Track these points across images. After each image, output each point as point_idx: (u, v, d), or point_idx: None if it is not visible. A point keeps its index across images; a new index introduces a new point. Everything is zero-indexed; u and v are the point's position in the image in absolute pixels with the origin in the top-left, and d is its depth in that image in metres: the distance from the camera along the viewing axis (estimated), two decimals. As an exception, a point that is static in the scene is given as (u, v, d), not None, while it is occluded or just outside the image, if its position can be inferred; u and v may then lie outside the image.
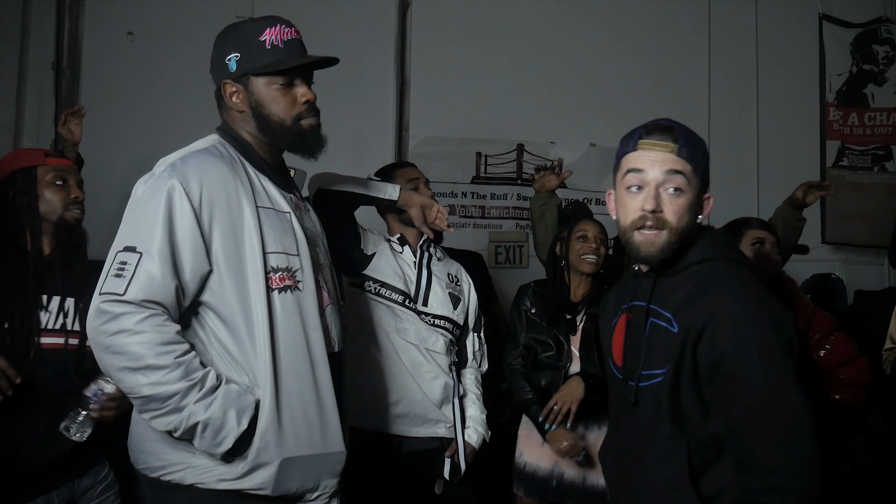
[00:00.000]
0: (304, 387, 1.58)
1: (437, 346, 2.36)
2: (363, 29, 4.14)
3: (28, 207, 1.91)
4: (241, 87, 1.63)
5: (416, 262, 2.42)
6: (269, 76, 1.61)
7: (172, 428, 1.45)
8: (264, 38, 1.61)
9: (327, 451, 1.62)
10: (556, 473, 2.52)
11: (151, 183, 1.51)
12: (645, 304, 1.49)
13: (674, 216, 1.41)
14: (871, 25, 4.70)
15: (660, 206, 1.41)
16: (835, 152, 4.67)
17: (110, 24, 4.08)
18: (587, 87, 4.51)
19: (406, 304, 2.34)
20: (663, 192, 1.42)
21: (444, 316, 2.39)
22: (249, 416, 1.49)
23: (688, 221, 1.43)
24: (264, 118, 1.63)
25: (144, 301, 1.43)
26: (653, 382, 1.44)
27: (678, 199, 1.42)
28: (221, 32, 1.68)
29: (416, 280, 2.39)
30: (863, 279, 4.49)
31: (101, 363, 1.47)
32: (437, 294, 2.40)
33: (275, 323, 1.55)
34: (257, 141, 1.67)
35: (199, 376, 1.46)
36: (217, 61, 1.65)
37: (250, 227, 1.55)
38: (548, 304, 2.62)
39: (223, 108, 1.69)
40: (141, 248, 1.45)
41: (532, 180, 3.10)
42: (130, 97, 4.05)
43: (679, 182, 1.41)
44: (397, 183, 2.38)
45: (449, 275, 2.49)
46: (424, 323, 2.34)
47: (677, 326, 1.41)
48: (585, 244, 2.58)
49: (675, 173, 1.41)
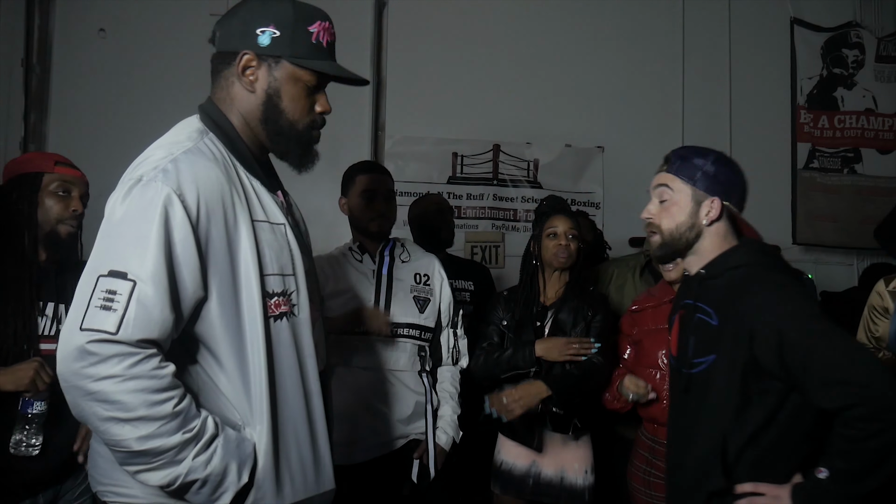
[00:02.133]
0: (298, 424, 1.42)
1: (400, 362, 2.34)
2: (339, 28, 4.06)
3: (27, 213, 1.90)
4: (264, 67, 1.42)
5: (374, 270, 2.39)
6: (305, 71, 1.43)
7: (164, 484, 1.25)
8: (314, 29, 1.44)
9: (320, 492, 1.46)
10: (532, 472, 2.52)
11: (139, 191, 1.27)
12: (693, 301, 1.72)
13: (662, 221, 1.71)
14: (841, 30, 4.77)
15: (651, 215, 1.73)
16: (805, 154, 4.73)
17: (81, 20, 4.03)
18: (563, 88, 4.53)
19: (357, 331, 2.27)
20: (657, 203, 1.73)
21: (408, 323, 2.36)
22: (250, 468, 1.32)
23: (681, 224, 1.69)
24: (277, 111, 1.44)
25: (140, 341, 1.21)
26: (700, 369, 1.66)
27: (664, 206, 1.71)
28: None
29: (376, 290, 2.35)
30: (832, 280, 4.56)
31: (78, 410, 1.23)
32: (399, 301, 2.37)
33: (272, 355, 1.37)
34: (248, 131, 1.47)
35: (197, 426, 1.26)
36: (242, 28, 1.41)
37: (246, 246, 1.35)
38: (515, 311, 2.58)
39: (223, 81, 1.46)
40: (133, 275, 1.22)
41: (507, 183, 3.10)
42: (102, 95, 4.00)
43: (662, 192, 1.71)
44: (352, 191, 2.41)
45: (417, 275, 2.45)
46: (385, 338, 2.30)
47: (717, 320, 1.63)
48: (555, 241, 2.56)
49: (662, 186, 1.72)
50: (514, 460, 2.55)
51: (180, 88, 3.60)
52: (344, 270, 2.40)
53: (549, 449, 2.53)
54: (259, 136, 1.48)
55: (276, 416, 1.37)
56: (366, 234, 2.43)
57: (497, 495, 2.59)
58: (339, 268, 2.40)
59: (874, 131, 4.75)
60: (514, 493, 2.54)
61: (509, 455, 2.57)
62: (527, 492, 2.53)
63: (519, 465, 2.54)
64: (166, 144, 1.37)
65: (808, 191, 4.70)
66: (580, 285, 2.60)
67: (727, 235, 1.70)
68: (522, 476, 2.54)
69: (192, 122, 1.46)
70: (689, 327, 1.71)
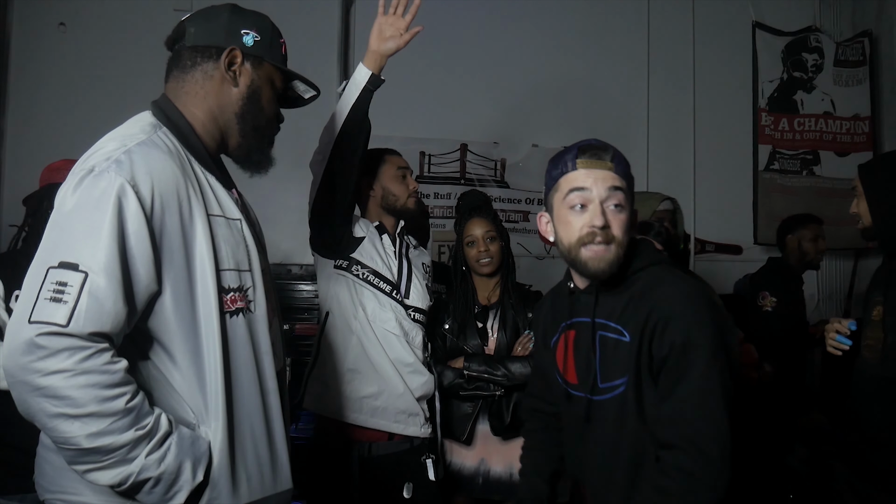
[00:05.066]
0: (255, 422, 1.39)
1: (417, 340, 2.32)
2: (306, 27, 4.08)
3: None
4: (248, 64, 1.47)
5: (395, 251, 2.35)
6: (279, 77, 1.54)
7: (115, 483, 1.21)
8: (282, 42, 1.55)
9: (277, 492, 1.43)
10: (482, 470, 2.50)
11: (91, 181, 1.24)
12: (590, 319, 1.53)
13: (619, 231, 1.47)
14: (801, 34, 4.87)
15: (607, 222, 1.46)
16: (766, 156, 4.81)
17: (40, 13, 3.94)
18: (530, 88, 4.55)
19: (392, 295, 2.26)
20: (607, 208, 1.47)
21: (422, 309, 2.34)
22: (205, 466, 1.29)
23: (630, 236, 1.50)
24: (258, 107, 1.49)
25: (92, 334, 1.17)
26: (614, 394, 1.48)
27: (620, 214, 1.48)
28: (230, 6, 1.51)
29: (398, 270, 2.32)
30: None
31: (25, 407, 1.18)
32: (416, 286, 2.35)
33: (228, 351, 1.35)
34: (211, 127, 1.47)
35: (150, 424, 1.22)
36: (227, 28, 1.46)
37: (201, 240, 1.33)
38: (456, 315, 2.57)
39: (198, 75, 1.46)
40: (84, 266, 1.18)
41: (474, 182, 3.09)
42: (62, 91, 3.92)
43: (620, 198, 1.47)
44: (386, 169, 2.38)
45: (423, 265, 2.45)
46: (407, 316, 2.29)
47: (629, 335, 1.46)
48: (474, 249, 2.54)
49: (616, 189, 1.47)
50: (463, 460, 2.53)
51: (142, 84, 3.50)
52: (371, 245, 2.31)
53: (497, 446, 2.51)
54: (225, 132, 1.49)
55: (232, 413, 1.35)
56: (400, 212, 2.38)
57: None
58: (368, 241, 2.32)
59: (832, 134, 4.86)
60: (465, 493, 2.52)
61: (457, 455, 2.54)
62: (477, 490, 2.51)
63: (468, 464, 2.52)
64: (119, 136, 1.34)
65: (769, 192, 4.78)
66: (516, 285, 2.61)
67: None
68: (472, 475, 2.52)
69: (145, 116, 1.44)
70: (589, 349, 1.54)
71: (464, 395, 2.47)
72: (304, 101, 1.69)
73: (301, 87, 1.64)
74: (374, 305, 2.22)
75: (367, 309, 2.21)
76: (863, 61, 4.85)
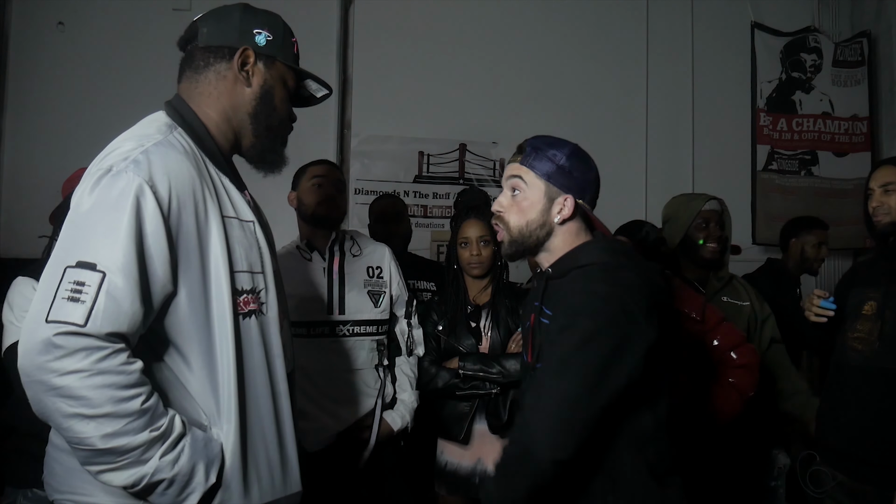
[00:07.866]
0: (266, 424, 1.40)
1: (359, 360, 2.33)
2: (305, 26, 4.05)
3: None
4: (261, 64, 1.47)
5: (325, 268, 2.35)
6: (291, 76, 1.53)
7: (129, 484, 1.21)
8: (294, 41, 1.56)
9: (287, 494, 1.44)
10: (478, 470, 2.47)
11: (109, 181, 1.23)
12: (539, 304, 1.60)
13: (511, 217, 1.59)
14: (799, 34, 4.87)
15: (503, 208, 1.60)
16: (765, 156, 4.82)
17: (39, 12, 3.93)
18: (529, 88, 4.55)
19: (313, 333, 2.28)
20: (508, 195, 1.60)
21: (363, 320, 2.34)
22: (218, 468, 1.29)
23: (531, 221, 1.57)
24: (271, 106, 1.49)
25: (109, 334, 1.17)
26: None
27: (515, 200, 1.59)
28: (242, 5, 1.51)
29: (328, 288, 2.32)
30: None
31: (40, 407, 1.18)
32: (352, 297, 2.35)
33: (241, 353, 1.35)
34: (225, 127, 1.48)
35: (164, 425, 1.23)
36: (239, 28, 1.46)
37: (216, 241, 1.33)
38: (448, 315, 2.56)
39: (211, 75, 1.46)
40: (102, 266, 1.18)
41: (473, 182, 3.09)
42: (61, 90, 3.91)
43: (515, 184, 1.59)
44: (304, 181, 2.40)
45: (369, 269, 2.43)
46: (342, 338, 2.29)
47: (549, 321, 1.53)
48: (467, 250, 2.53)
49: (515, 178, 1.59)
50: (459, 460, 2.51)
51: (142, 84, 3.53)
52: (292, 271, 2.31)
53: (493, 445, 2.48)
54: (239, 132, 1.50)
55: (245, 415, 1.35)
56: (314, 221, 2.38)
57: (443, 497, 2.54)
58: (287, 268, 2.36)
59: (830, 134, 4.86)
60: (462, 494, 2.50)
61: (453, 455, 2.52)
62: (473, 491, 2.48)
63: (464, 464, 2.50)
64: (135, 137, 1.35)
65: (767, 192, 4.79)
66: (507, 285, 2.61)
67: (579, 233, 1.60)
68: (468, 475, 2.49)
69: (160, 116, 1.44)
70: (536, 331, 1.60)
71: (460, 395, 2.47)
72: (316, 100, 1.67)
73: (313, 85, 1.63)
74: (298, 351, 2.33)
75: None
76: (861, 62, 4.86)
